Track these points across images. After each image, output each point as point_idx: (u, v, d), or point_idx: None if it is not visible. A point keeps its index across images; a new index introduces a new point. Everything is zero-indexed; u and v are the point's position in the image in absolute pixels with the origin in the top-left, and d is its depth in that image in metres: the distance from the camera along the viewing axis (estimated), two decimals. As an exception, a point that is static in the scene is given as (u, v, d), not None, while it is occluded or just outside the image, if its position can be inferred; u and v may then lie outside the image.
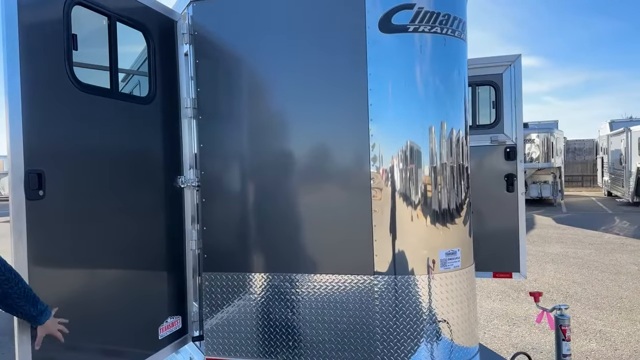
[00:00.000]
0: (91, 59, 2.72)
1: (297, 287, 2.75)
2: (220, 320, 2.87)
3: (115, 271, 2.50)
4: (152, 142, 2.79)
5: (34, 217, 1.97)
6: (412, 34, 2.62)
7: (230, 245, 2.89)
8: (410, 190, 2.64)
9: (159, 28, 2.81)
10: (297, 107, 2.75)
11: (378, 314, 2.62)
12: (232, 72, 2.85)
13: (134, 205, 2.63)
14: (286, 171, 2.78)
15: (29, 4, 2.00)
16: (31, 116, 1.99)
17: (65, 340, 2.10)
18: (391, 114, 2.62)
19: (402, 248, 2.63)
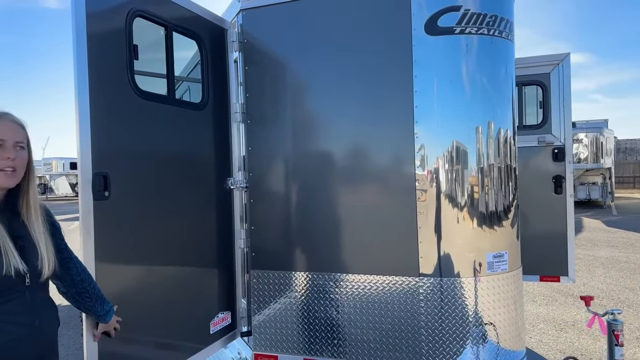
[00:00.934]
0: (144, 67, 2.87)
1: (341, 287, 2.80)
2: (267, 316, 2.96)
3: (171, 268, 2.63)
4: (205, 146, 2.91)
5: (100, 216, 2.12)
6: (459, 36, 2.62)
7: (277, 244, 2.97)
8: (456, 191, 2.64)
9: (211, 36, 2.93)
10: (342, 110, 2.80)
11: (423, 315, 2.64)
12: (279, 77, 2.94)
13: (188, 206, 2.76)
14: (331, 173, 2.84)
15: (95, 16, 2.15)
16: (97, 122, 2.13)
17: (126, 333, 2.24)
18: (437, 115, 2.63)
19: (447, 250, 2.63)
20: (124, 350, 2.31)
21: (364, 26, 2.73)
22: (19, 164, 1.59)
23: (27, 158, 1.63)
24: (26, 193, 1.63)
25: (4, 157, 1.54)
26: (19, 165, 1.59)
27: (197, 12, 2.79)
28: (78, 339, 5.16)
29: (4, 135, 1.55)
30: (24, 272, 1.51)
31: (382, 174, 2.74)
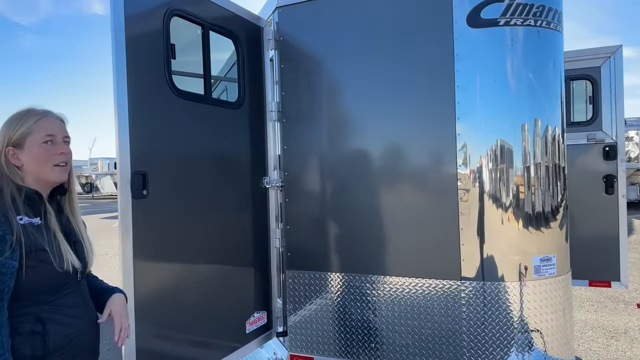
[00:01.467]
0: (180, 68, 2.90)
1: (378, 289, 2.73)
2: (303, 317, 2.92)
3: (208, 266, 2.63)
4: (240, 145, 2.90)
5: (138, 214, 2.14)
6: (503, 28, 2.50)
7: (313, 244, 2.93)
8: (500, 191, 2.51)
9: (247, 35, 2.92)
10: (379, 107, 2.73)
11: (465, 320, 2.53)
12: (315, 75, 2.90)
13: (223, 205, 2.76)
14: (368, 172, 2.77)
15: (133, 17, 2.17)
16: (136, 122, 2.16)
17: (164, 330, 2.25)
18: (480, 112, 2.51)
19: (491, 253, 2.52)
20: (161, 347, 2.32)
21: (404, 20, 2.64)
22: (69, 159, 1.62)
23: (72, 153, 1.66)
24: (69, 189, 1.66)
25: (57, 152, 1.57)
26: (69, 159, 1.62)
27: (234, 11, 2.78)
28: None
29: (54, 130, 1.57)
30: (78, 268, 1.55)
31: (421, 173, 2.65)
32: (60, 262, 1.49)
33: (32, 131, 1.54)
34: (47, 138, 1.56)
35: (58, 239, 1.52)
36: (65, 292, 1.54)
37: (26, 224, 1.45)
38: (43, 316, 1.46)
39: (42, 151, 1.55)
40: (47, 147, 1.56)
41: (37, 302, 1.46)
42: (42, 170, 1.55)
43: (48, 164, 1.55)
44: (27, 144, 1.53)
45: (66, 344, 1.49)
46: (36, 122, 1.55)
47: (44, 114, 1.59)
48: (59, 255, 1.50)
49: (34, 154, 1.53)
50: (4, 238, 1.37)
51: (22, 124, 1.54)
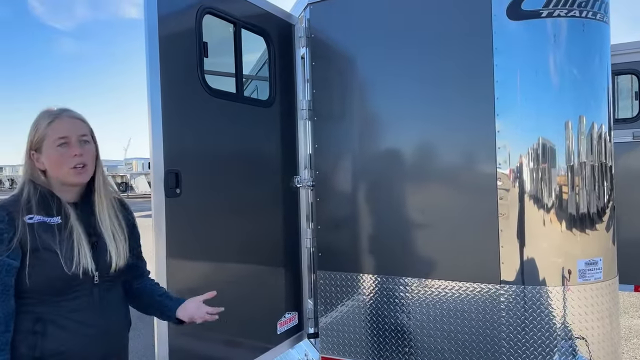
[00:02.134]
0: (210, 67, 2.89)
1: (412, 292, 2.65)
2: (335, 319, 2.87)
3: (239, 265, 2.62)
4: (271, 144, 2.88)
5: (171, 213, 2.14)
6: (545, 20, 2.38)
7: (344, 245, 2.88)
8: (542, 192, 2.40)
9: (279, 33, 2.89)
10: (414, 105, 2.65)
11: (504, 325, 2.42)
12: (347, 72, 2.84)
13: (255, 204, 2.74)
14: (402, 171, 2.69)
15: (167, 16, 2.17)
16: (169, 121, 2.15)
17: (196, 330, 2.24)
18: (520, 108, 2.40)
19: (532, 255, 2.40)
20: (193, 347, 2.32)
21: (439, 13, 2.56)
22: (88, 159, 1.55)
23: (94, 151, 1.59)
24: (98, 187, 1.60)
25: (71, 154, 1.50)
26: (88, 159, 1.55)
27: (266, 8, 2.76)
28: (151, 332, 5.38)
29: (65, 132, 1.51)
30: (92, 272, 1.49)
31: (458, 172, 2.56)
32: (69, 264, 1.44)
33: (46, 135, 1.50)
34: (60, 141, 1.50)
35: (73, 240, 1.47)
36: (74, 294, 1.48)
37: (36, 224, 1.43)
38: (45, 317, 1.43)
39: (56, 155, 1.50)
40: (61, 150, 1.50)
41: (41, 302, 1.43)
42: (61, 174, 1.51)
43: (64, 167, 1.50)
44: (44, 148, 1.51)
45: (67, 350, 1.44)
46: (49, 125, 1.51)
47: (56, 115, 1.53)
48: (69, 256, 1.45)
49: (50, 158, 1.50)
50: (0, 237, 1.38)
51: (38, 128, 1.51)
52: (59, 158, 1.49)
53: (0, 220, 1.40)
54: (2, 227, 1.39)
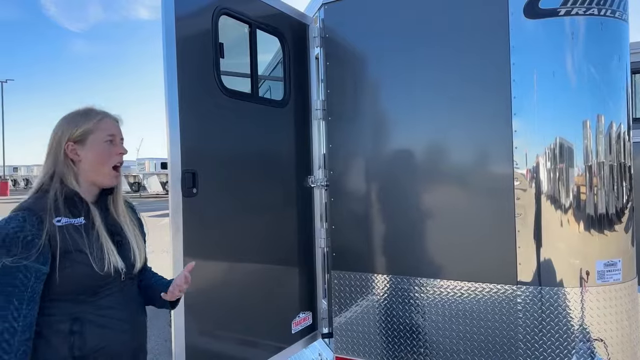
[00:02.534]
0: (225, 67, 2.91)
1: (428, 293, 2.64)
2: (349, 319, 2.87)
3: (254, 265, 2.63)
4: (286, 144, 2.89)
5: (188, 212, 2.16)
6: (563, 18, 2.36)
7: (359, 245, 2.87)
8: (560, 192, 2.37)
9: (293, 33, 2.90)
10: (429, 104, 2.64)
11: (521, 327, 2.40)
12: (361, 72, 2.84)
13: (269, 204, 2.75)
14: (417, 170, 2.68)
15: (183, 17, 2.18)
16: (186, 121, 2.17)
17: (212, 328, 2.26)
18: (538, 108, 2.38)
19: (549, 256, 2.38)
20: (209, 345, 2.34)
21: (455, 12, 2.54)
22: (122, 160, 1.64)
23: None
24: (117, 189, 1.66)
25: (117, 152, 1.59)
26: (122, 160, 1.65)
27: (280, 9, 2.77)
28: (166, 329, 5.43)
29: (114, 130, 1.60)
30: (122, 270, 1.54)
31: (474, 172, 2.54)
32: (100, 263, 1.47)
33: (95, 129, 1.55)
34: (109, 137, 1.58)
35: (101, 240, 1.51)
36: (106, 292, 1.51)
37: (65, 225, 1.44)
38: (82, 317, 1.45)
39: (103, 149, 1.56)
40: (108, 146, 1.57)
41: (76, 302, 1.45)
42: (100, 169, 1.55)
43: (107, 164, 1.57)
44: (89, 140, 1.54)
45: (106, 346, 1.47)
46: (99, 121, 1.57)
47: (105, 115, 1.61)
48: (99, 256, 1.48)
49: (95, 151, 1.54)
50: (32, 242, 1.37)
51: (85, 122, 1.55)
52: (105, 152, 1.56)
53: (31, 224, 1.38)
54: (33, 232, 1.38)
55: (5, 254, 1.34)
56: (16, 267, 1.34)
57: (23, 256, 1.35)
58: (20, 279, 1.35)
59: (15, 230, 1.36)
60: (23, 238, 1.36)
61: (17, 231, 1.36)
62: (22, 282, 1.35)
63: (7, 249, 1.34)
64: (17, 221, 1.38)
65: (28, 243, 1.36)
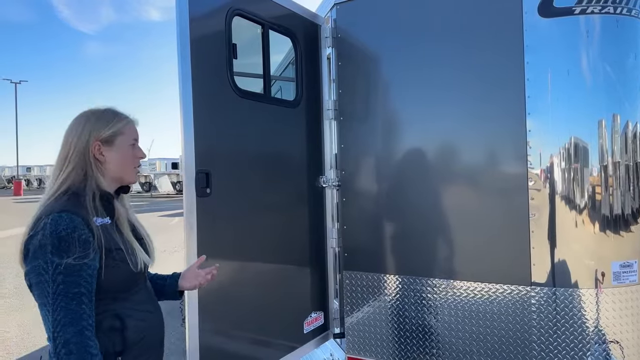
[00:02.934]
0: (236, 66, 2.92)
1: (440, 294, 2.63)
2: (361, 319, 2.87)
3: (266, 264, 2.64)
4: (298, 144, 2.90)
5: (202, 212, 2.17)
6: (578, 17, 2.33)
7: (370, 245, 2.87)
8: (574, 192, 2.35)
9: (305, 33, 2.91)
10: (442, 104, 2.62)
11: (535, 328, 2.38)
12: (373, 72, 2.84)
13: (281, 204, 2.76)
14: (429, 171, 2.67)
15: (197, 18, 2.20)
16: (200, 122, 2.18)
17: (225, 327, 2.26)
18: (552, 107, 2.36)
19: (564, 257, 2.36)
20: (222, 344, 2.35)
21: (469, 11, 2.53)
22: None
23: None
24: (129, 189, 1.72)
25: (138, 155, 1.65)
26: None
27: (293, 9, 2.77)
28: (178, 329, 5.46)
29: (137, 134, 1.67)
30: (148, 265, 1.62)
31: (487, 172, 2.52)
32: (135, 260, 1.52)
33: (123, 132, 1.60)
34: (134, 141, 1.64)
35: (129, 238, 1.56)
36: (137, 288, 1.57)
37: (101, 225, 1.47)
38: (121, 312, 1.48)
39: (129, 153, 1.62)
40: (133, 149, 1.64)
41: (115, 299, 1.49)
42: (125, 170, 1.62)
43: (131, 165, 1.64)
44: (117, 142, 1.58)
45: (142, 339, 1.52)
46: (127, 125, 1.63)
47: (131, 119, 1.66)
48: (133, 253, 1.53)
49: (122, 153, 1.60)
50: (87, 240, 1.38)
51: (115, 123, 1.58)
52: (130, 156, 1.63)
53: (80, 226, 1.39)
54: (85, 232, 1.39)
55: (65, 255, 1.34)
56: (79, 266, 1.35)
57: (82, 255, 1.36)
58: (85, 278, 1.36)
59: (69, 231, 1.36)
60: (78, 237, 1.37)
61: (71, 232, 1.36)
62: (87, 281, 1.36)
63: (67, 249, 1.34)
64: (65, 222, 1.37)
65: (84, 242, 1.37)
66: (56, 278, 1.32)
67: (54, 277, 1.32)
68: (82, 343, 1.31)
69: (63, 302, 1.31)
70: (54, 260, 1.32)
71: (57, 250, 1.33)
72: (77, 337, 1.30)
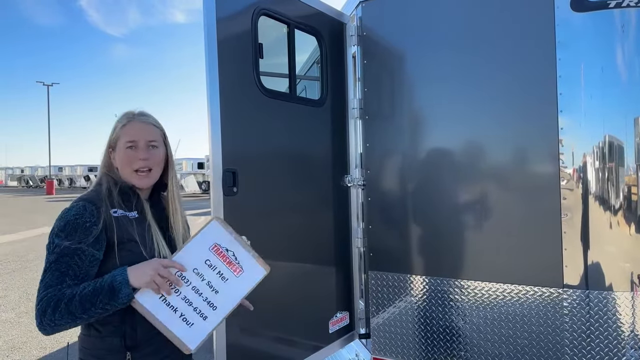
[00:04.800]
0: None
1: (468, 295, 2.58)
2: (387, 320, 2.84)
3: (292, 263, 2.65)
4: (323, 143, 2.89)
5: (229, 211, 2.19)
6: (613, 10, 2.25)
7: (396, 245, 2.83)
8: (609, 192, 2.27)
9: (330, 32, 2.90)
10: (470, 102, 2.57)
11: (568, 332, 2.31)
12: (399, 70, 2.80)
13: (306, 203, 2.76)
14: (458, 170, 2.62)
15: (224, 19, 2.22)
16: (227, 121, 2.20)
17: (251, 327, 2.27)
18: (585, 105, 2.29)
19: (597, 259, 2.28)
20: (249, 343, 2.36)
21: (498, 7, 2.48)
22: (154, 163, 1.63)
23: (162, 156, 1.67)
24: (171, 189, 1.71)
25: (137, 158, 1.60)
26: (154, 164, 1.63)
27: (318, 8, 2.77)
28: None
29: (135, 136, 1.60)
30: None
31: (517, 171, 2.46)
32: (151, 255, 1.53)
33: (120, 135, 1.62)
34: (129, 144, 1.60)
35: (152, 233, 1.58)
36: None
37: (120, 217, 1.53)
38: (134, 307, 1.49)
39: (124, 156, 1.61)
40: (129, 152, 1.60)
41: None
42: (124, 172, 1.62)
43: (128, 168, 1.61)
44: (118, 146, 1.63)
45: (156, 335, 1.51)
46: (122, 127, 1.62)
47: (130, 119, 1.64)
48: (151, 247, 1.55)
49: (119, 156, 1.62)
50: (90, 228, 1.46)
51: (116, 128, 1.64)
52: (125, 159, 1.60)
53: (90, 214, 1.48)
54: (92, 220, 1.47)
55: (65, 237, 1.44)
56: (74, 250, 1.43)
57: (81, 240, 1.44)
58: (76, 261, 1.43)
59: (76, 217, 1.46)
60: (82, 224, 1.45)
61: (77, 218, 1.46)
62: (77, 264, 1.43)
63: (68, 233, 1.44)
64: (77, 209, 1.48)
65: (86, 229, 1.45)
66: (50, 257, 1.44)
67: (49, 255, 1.44)
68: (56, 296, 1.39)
69: (48, 277, 1.42)
70: (54, 240, 1.45)
71: (60, 232, 1.45)
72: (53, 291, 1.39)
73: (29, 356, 4.81)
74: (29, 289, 7.42)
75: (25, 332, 5.47)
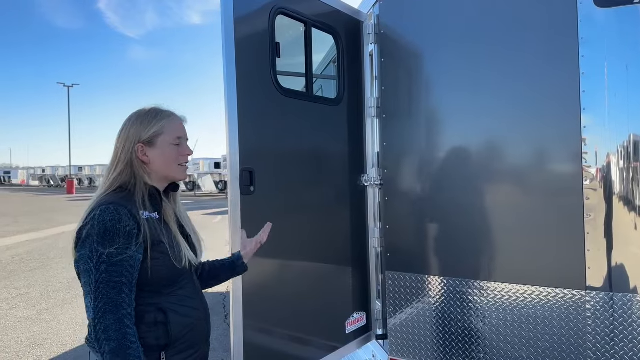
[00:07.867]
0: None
1: (487, 297, 2.54)
2: (404, 321, 2.81)
3: (309, 263, 2.64)
4: (340, 142, 2.88)
5: (246, 210, 2.19)
6: (638, 6, 2.19)
7: (413, 245, 2.81)
8: (634, 192, 2.21)
9: (347, 30, 2.88)
10: (490, 100, 2.53)
11: (591, 335, 2.26)
12: (417, 68, 2.77)
13: (323, 202, 2.75)
14: (477, 170, 2.58)
15: (242, 18, 2.22)
16: (244, 121, 2.21)
17: (268, 325, 2.27)
18: (610, 103, 2.23)
19: (622, 261, 2.22)
20: (266, 342, 2.37)
21: (519, 4, 2.43)
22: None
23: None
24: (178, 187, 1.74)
25: (184, 153, 1.65)
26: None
27: (335, 6, 2.76)
28: (221, 326, 5.57)
29: (181, 132, 1.66)
30: (192, 260, 1.62)
31: (539, 171, 2.41)
32: (179, 255, 1.54)
33: (163, 131, 1.60)
34: (177, 141, 1.63)
35: (174, 233, 1.59)
36: (182, 283, 1.59)
37: (147, 219, 1.50)
38: (165, 306, 1.50)
39: (172, 152, 1.62)
40: (177, 148, 1.63)
41: (158, 293, 1.51)
42: (170, 168, 1.62)
43: (174, 163, 1.63)
44: (158, 143, 1.60)
45: (186, 334, 1.53)
46: (168, 123, 1.62)
47: (173, 116, 1.66)
48: (177, 248, 1.56)
49: (164, 153, 1.60)
50: (131, 233, 1.42)
51: (154, 124, 1.60)
52: (174, 154, 1.62)
53: (127, 217, 1.43)
54: (130, 224, 1.42)
55: (109, 244, 1.38)
56: (122, 256, 1.39)
57: (126, 246, 1.40)
58: (127, 269, 1.40)
59: (114, 222, 1.40)
60: (123, 229, 1.40)
61: (116, 223, 1.40)
62: (128, 271, 1.40)
63: (111, 239, 1.38)
64: (111, 213, 1.41)
65: (128, 233, 1.41)
66: (99, 267, 1.37)
67: (97, 266, 1.37)
68: (121, 330, 1.35)
69: (104, 290, 1.36)
70: (98, 249, 1.37)
71: (102, 240, 1.38)
72: (117, 324, 1.34)
73: (49, 353, 4.90)
74: (50, 286, 7.57)
75: (46, 329, 5.57)
